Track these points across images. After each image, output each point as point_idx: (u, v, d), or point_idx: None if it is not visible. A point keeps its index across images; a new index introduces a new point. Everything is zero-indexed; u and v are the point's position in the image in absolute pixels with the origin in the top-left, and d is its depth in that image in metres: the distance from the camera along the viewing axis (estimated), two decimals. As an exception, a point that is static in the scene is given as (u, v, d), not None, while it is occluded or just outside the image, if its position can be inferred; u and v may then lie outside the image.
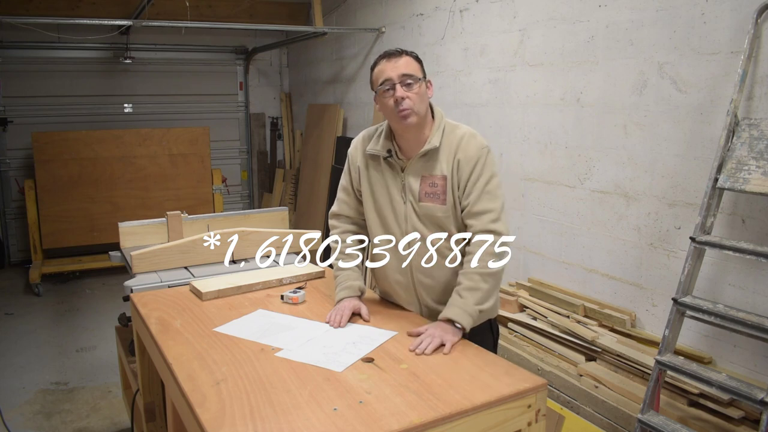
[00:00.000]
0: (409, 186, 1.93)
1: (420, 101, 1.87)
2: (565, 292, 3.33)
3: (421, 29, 4.58)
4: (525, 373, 1.60)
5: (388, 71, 1.87)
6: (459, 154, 1.89)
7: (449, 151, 1.91)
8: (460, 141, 1.91)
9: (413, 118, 1.86)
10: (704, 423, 2.36)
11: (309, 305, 2.14)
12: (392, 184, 1.97)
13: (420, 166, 1.93)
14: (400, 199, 1.95)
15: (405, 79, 1.85)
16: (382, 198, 1.99)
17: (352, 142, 2.12)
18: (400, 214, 1.95)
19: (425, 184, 1.91)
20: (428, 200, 1.91)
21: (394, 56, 1.90)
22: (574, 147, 3.27)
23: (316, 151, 6.29)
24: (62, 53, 6.37)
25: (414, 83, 1.86)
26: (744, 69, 2.34)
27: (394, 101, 1.85)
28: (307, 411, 1.39)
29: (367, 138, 2.06)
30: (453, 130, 1.94)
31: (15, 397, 3.53)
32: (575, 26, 3.19)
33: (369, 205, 2.03)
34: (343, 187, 2.14)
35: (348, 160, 2.11)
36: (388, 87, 1.86)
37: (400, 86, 1.85)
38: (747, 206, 2.44)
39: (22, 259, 6.36)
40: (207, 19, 6.05)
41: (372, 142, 2.01)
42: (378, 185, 2.00)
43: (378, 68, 1.92)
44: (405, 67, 1.87)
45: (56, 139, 5.70)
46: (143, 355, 2.23)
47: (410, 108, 1.84)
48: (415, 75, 1.87)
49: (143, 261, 2.53)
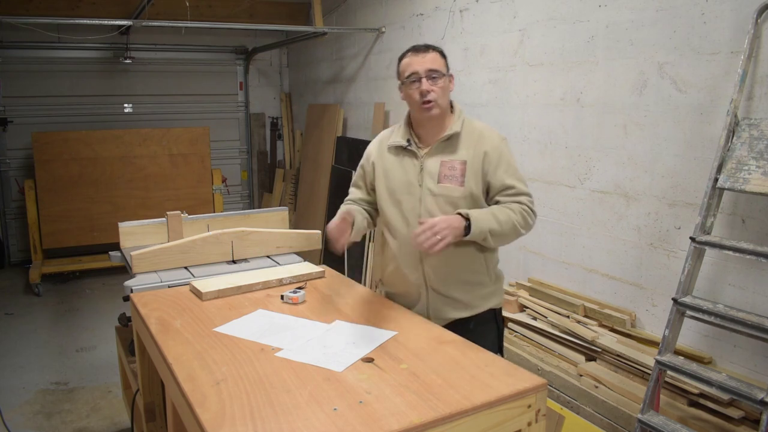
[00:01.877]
0: (428, 169, 2.03)
1: (443, 94, 2.00)
2: (565, 292, 3.33)
3: (421, 29, 4.58)
4: (525, 373, 1.60)
5: (416, 65, 1.99)
6: (485, 146, 2.01)
7: (470, 139, 2.03)
8: (481, 133, 2.04)
9: (436, 110, 1.99)
10: (704, 423, 2.36)
11: (309, 305, 2.14)
12: (410, 169, 2.06)
13: (440, 151, 2.03)
14: (416, 182, 2.04)
15: (431, 74, 1.98)
16: (397, 182, 2.07)
17: (372, 142, 2.24)
18: (415, 197, 2.03)
19: (444, 167, 2.01)
20: (446, 182, 2.00)
21: (422, 51, 2.01)
22: (574, 147, 3.27)
23: (316, 151, 6.29)
24: (62, 53, 6.37)
25: (439, 78, 1.99)
26: (744, 69, 2.34)
27: (420, 93, 1.97)
28: (307, 411, 1.39)
29: (386, 136, 2.18)
30: (471, 122, 2.08)
31: (15, 397, 3.53)
32: (575, 26, 3.19)
33: (383, 191, 2.11)
34: (354, 182, 2.28)
35: (363, 157, 2.24)
36: (415, 80, 1.98)
37: (425, 80, 1.96)
38: (747, 206, 2.44)
39: (22, 259, 6.36)
40: (207, 19, 6.05)
41: (392, 136, 2.13)
42: (394, 170, 2.09)
43: (405, 60, 2.03)
44: (432, 62, 1.99)
45: (56, 139, 5.70)
46: (143, 355, 2.23)
47: (434, 100, 1.97)
48: (440, 70, 1.99)
49: (143, 261, 2.53)
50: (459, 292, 2.05)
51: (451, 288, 2.04)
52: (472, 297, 2.07)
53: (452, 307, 2.06)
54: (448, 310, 2.06)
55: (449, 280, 2.03)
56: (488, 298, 2.11)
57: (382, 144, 2.15)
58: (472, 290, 2.06)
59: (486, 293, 2.09)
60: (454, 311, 2.06)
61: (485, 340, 2.10)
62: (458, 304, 2.06)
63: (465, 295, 2.06)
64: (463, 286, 2.05)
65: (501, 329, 2.20)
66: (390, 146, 2.11)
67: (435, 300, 2.06)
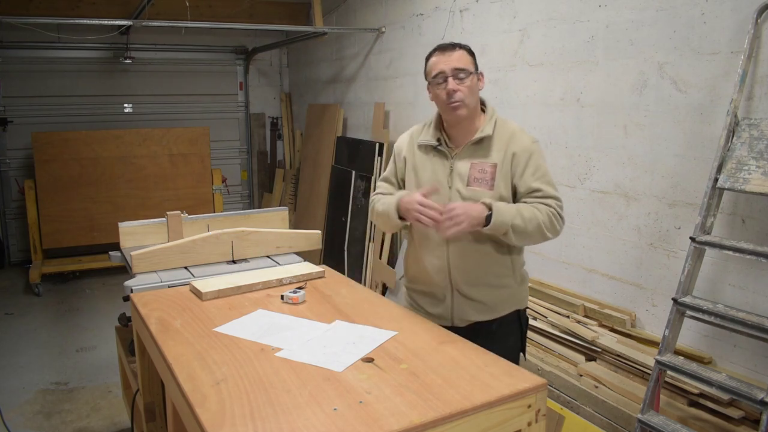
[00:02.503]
0: (458, 171, 1.99)
1: (471, 94, 1.95)
2: (565, 292, 3.33)
3: (421, 29, 4.58)
4: (525, 373, 1.60)
5: (442, 64, 1.95)
6: (514, 147, 1.97)
7: (501, 141, 1.99)
8: (513, 134, 2.00)
9: (463, 110, 1.95)
10: (704, 423, 2.36)
11: (309, 305, 2.14)
12: (440, 169, 2.02)
13: (471, 153, 2.00)
14: (446, 183, 2.01)
15: (457, 73, 1.94)
16: (426, 182, 2.04)
17: (400, 138, 2.20)
18: (444, 198, 1.99)
19: (475, 170, 1.98)
20: (476, 185, 1.97)
21: (449, 50, 1.97)
22: (574, 147, 3.27)
23: (316, 151, 6.29)
24: (62, 53, 6.37)
25: (466, 77, 1.94)
26: (744, 69, 2.34)
27: (446, 93, 1.93)
28: (307, 411, 1.39)
29: (416, 132, 2.14)
30: (504, 124, 2.03)
31: (15, 397, 3.53)
32: (575, 26, 3.19)
33: (411, 185, 2.08)
34: (385, 177, 2.22)
35: (393, 153, 2.19)
36: (441, 80, 1.94)
37: (452, 79, 1.93)
38: (747, 206, 2.44)
39: (22, 259, 6.36)
40: (207, 19, 6.05)
41: (423, 133, 2.09)
42: (424, 170, 2.05)
43: (432, 60, 2.00)
44: (458, 61, 1.95)
45: (56, 139, 5.70)
46: (143, 355, 2.22)
47: (461, 100, 1.93)
48: (467, 69, 1.95)
49: (143, 261, 2.53)
50: (484, 295, 2.03)
51: (477, 290, 2.02)
52: (496, 300, 2.05)
53: (476, 309, 2.04)
54: (472, 312, 2.04)
55: (475, 282, 2.01)
56: (512, 300, 2.09)
57: (413, 139, 2.11)
58: (497, 293, 2.04)
59: (510, 295, 2.07)
60: (477, 314, 2.04)
61: (507, 341, 2.10)
62: (482, 306, 2.04)
63: (490, 298, 2.03)
64: (489, 289, 2.03)
65: (524, 331, 2.17)
66: (420, 144, 2.07)
67: (460, 302, 2.04)
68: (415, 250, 2.12)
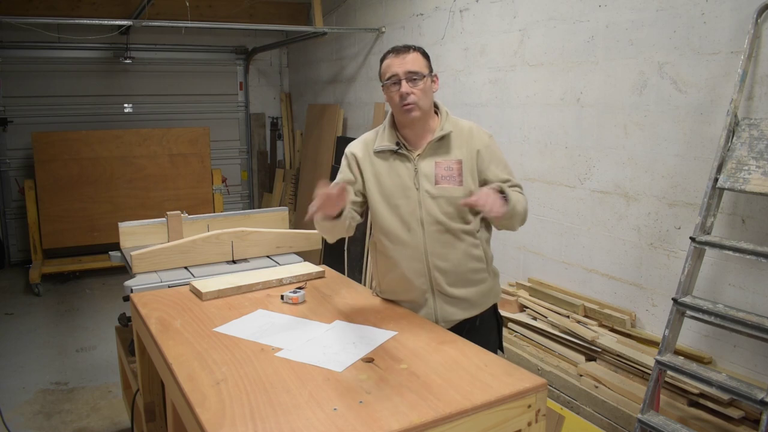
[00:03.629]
0: (423, 172, 1.99)
1: (424, 96, 1.96)
2: (565, 292, 3.33)
3: (421, 29, 4.58)
4: (525, 373, 1.60)
5: (395, 67, 1.95)
6: (476, 144, 2.00)
7: (461, 138, 2.01)
8: (471, 131, 2.03)
9: (417, 113, 1.95)
10: (704, 423, 2.36)
11: (309, 305, 2.14)
12: (403, 172, 2.01)
13: (433, 152, 2.00)
14: (413, 185, 1.99)
15: (411, 76, 1.94)
16: (392, 188, 2.01)
17: (351, 145, 2.12)
18: (413, 201, 1.99)
19: (440, 168, 1.99)
20: (445, 182, 1.98)
21: (402, 52, 1.97)
22: (574, 147, 3.27)
23: (316, 151, 6.29)
24: (62, 53, 6.37)
25: (419, 79, 1.94)
26: (744, 69, 2.34)
27: (399, 96, 1.94)
28: (307, 411, 1.39)
29: (370, 139, 2.10)
30: (458, 121, 2.06)
31: (15, 397, 3.53)
32: (575, 26, 3.19)
33: (376, 197, 2.04)
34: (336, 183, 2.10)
35: (346, 161, 2.10)
36: (395, 81, 1.95)
37: (405, 82, 1.93)
38: (747, 206, 2.44)
39: (22, 259, 6.36)
40: (207, 19, 6.05)
41: (378, 140, 2.06)
42: (387, 176, 2.02)
43: (386, 62, 2.00)
44: (411, 63, 1.95)
45: (56, 139, 5.70)
46: (143, 355, 2.23)
47: (414, 103, 1.94)
48: (420, 72, 1.95)
49: (143, 261, 2.53)
50: (466, 293, 2.03)
51: (459, 289, 2.02)
52: (477, 295, 2.06)
53: (459, 307, 2.04)
54: (456, 311, 2.04)
55: (455, 281, 2.01)
56: (490, 294, 2.11)
57: (368, 147, 2.07)
58: (476, 289, 2.05)
59: (488, 289, 2.09)
60: (461, 312, 2.05)
61: (490, 336, 2.12)
62: (465, 303, 2.04)
63: (471, 294, 2.04)
64: (469, 286, 2.04)
65: (501, 324, 2.20)
66: (378, 150, 2.03)
67: (442, 303, 2.03)
68: (386, 259, 2.07)
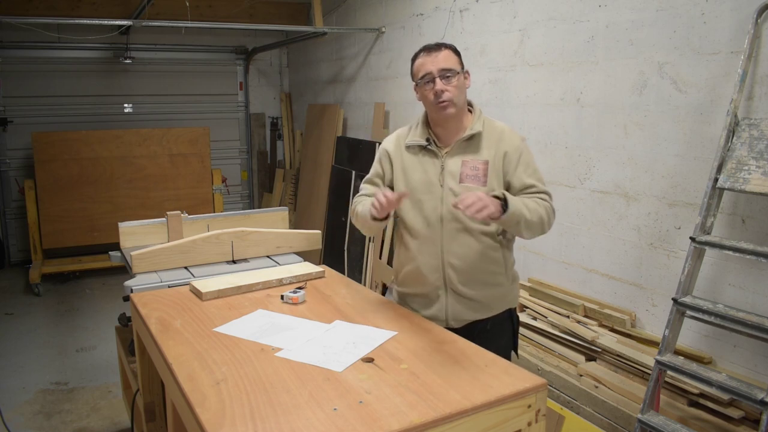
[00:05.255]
0: (449, 169, 1.99)
1: (459, 93, 1.97)
2: (565, 292, 3.33)
3: (421, 29, 4.58)
4: (525, 373, 1.60)
5: (428, 65, 1.96)
6: (505, 146, 1.99)
7: (491, 139, 2.00)
8: (502, 133, 2.02)
9: (452, 109, 1.96)
10: (704, 423, 2.36)
11: (309, 305, 2.14)
12: (430, 168, 2.02)
13: (461, 151, 2.01)
14: (437, 182, 2.00)
15: (444, 73, 1.95)
16: (417, 182, 2.03)
17: (385, 140, 2.17)
18: (436, 197, 2.00)
19: (466, 167, 1.99)
20: (469, 181, 1.97)
21: (434, 50, 1.98)
22: (574, 147, 3.27)
23: (316, 151, 6.29)
24: (62, 53, 6.37)
25: (453, 76, 1.96)
26: (744, 69, 2.34)
27: (434, 94, 1.94)
28: (307, 411, 1.39)
29: (403, 134, 2.13)
30: (492, 123, 2.05)
31: (15, 397, 3.53)
32: (575, 26, 3.19)
33: (401, 187, 2.05)
34: (368, 179, 2.17)
35: (379, 156, 2.16)
36: (429, 80, 1.95)
37: (439, 80, 1.94)
38: (747, 206, 2.44)
39: (22, 259, 6.36)
40: (207, 19, 6.05)
41: (410, 135, 2.08)
42: (413, 170, 2.04)
43: (418, 61, 2.00)
44: (444, 61, 1.96)
45: (56, 139, 5.70)
46: (143, 355, 2.23)
47: (450, 100, 1.95)
48: (454, 69, 1.96)
49: (143, 261, 2.53)
50: (478, 293, 2.03)
51: (471, 289, 2.01)
52: (490, 298, 2.05)
53: (471, 308, 2.04)
54: (467, 311, 2.04)
55: (469, 280, 2.01)
56: (505, 298, 2.10)
57: (400, 142, 2.10)
58: (490, 291, 2.04)
59: (503, 293, 2.08)
60: (472, 313, 2.04)
61: (500, 339, 2.11)
62: (477, 305, 2.04)
63: (484, 296, 2.03)
64: (482, 287, 2.03)
65: (516, 329, 2.18)
66: (409, 145, 2.06)
67: (454, 301, 2.03)
68: (406, 251, 2.10)
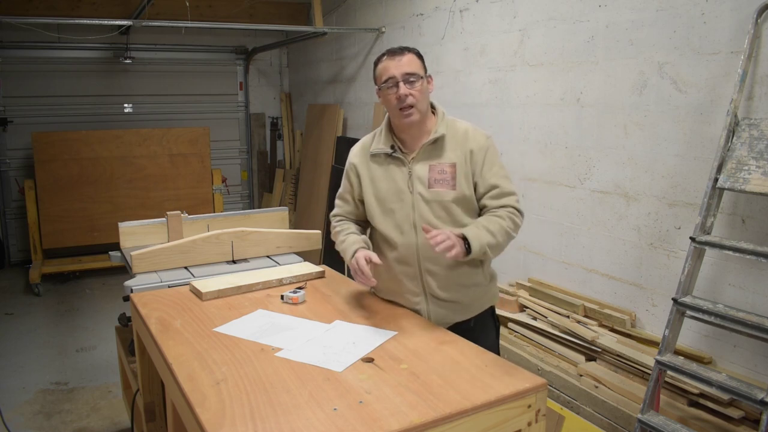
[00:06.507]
0: (417, 175, 1.98)
1: (422, 98, 1.95)
2: (565, 292, 3.33)
3: (421, 29, 4.58)
4: (525, 373, 1.60)
5: (392, 69, 1.94)
6: (470, 145, 1.97)
7: (456, 140, 1.98)
8: (466, 133, 2.00)
9: (416, 115, 1.94)
10: (704, 423, 2.36)
11: (309, 305, 2.14)
12: (398, 176, 2.00)
13: (427, 155, 1.98)
14: (407, 188, 1.99)
15: (408, 77, 1.92)
16: (386, 191, 2.01)
17: (351, 152, 2.16)
18: (407, 204, 1.98)
19: (434, 171, 1.97)
20: (438, 186, 1.96)
21: (398, 54, 1.96)
22: (574, 147, 3.27)
23: (316, 151, 6.29)
24: (62, 53, 6.37)
25: (416, 81, 1.93)
26: (744, 69, 2.34)
27: (397, 98, 1.92)
28: (307, 411, 1.39)
29: (367, 143, 2.12)
30: (455, 123, 2.03)
31: (15, 397, 3.53)
32: (575, 26, 3.19)
33: (372, 201, 2.04)
34: (340, 194, 2.19)
35: (346, 169, 2.15)
36: (392, 84, 1.93)
37: (403, 84, 1.91)
38: (747, 206, 2.44)
39: (22, 259, 6.36)
40: (207, 19, 6.05)
41: (374, 143, 2.07)
42: (381, 180, 2.03)
43: (381, 65, 1.98)
44: (408, 65, 1.94)
45: (56, 139, 5.70)
46: (143, 355, 2.23)
47: (413, 105, 1.92)
48: (417, 73, 1.94)
49: (143, 261, 2.53)
50: (458, 295, 2.03)
51: (450, 292, 2.02)
52: (470, 298, 2.06)
53: (452, 310, 2.04)
54: (449, 314, 2.04)
55: (447, 284, 2.01)
56: (485, 297, 2.10)
57: (365, 152, 2.09)
58: (469, 292, 2.05)
59: (482, 293, 2.08)
60: (454, 315, 2.05)
61: (486, 338, 2.11)
62: (458, 306, 2.04)
63: (464, 298, 2.04)
64: (461, 289, 2.03)
65: (498, 326, 2.20)
66: (374, 154, 2.04)
67: (435, 306, 2.03)
68: (384, 260, 2.07)
